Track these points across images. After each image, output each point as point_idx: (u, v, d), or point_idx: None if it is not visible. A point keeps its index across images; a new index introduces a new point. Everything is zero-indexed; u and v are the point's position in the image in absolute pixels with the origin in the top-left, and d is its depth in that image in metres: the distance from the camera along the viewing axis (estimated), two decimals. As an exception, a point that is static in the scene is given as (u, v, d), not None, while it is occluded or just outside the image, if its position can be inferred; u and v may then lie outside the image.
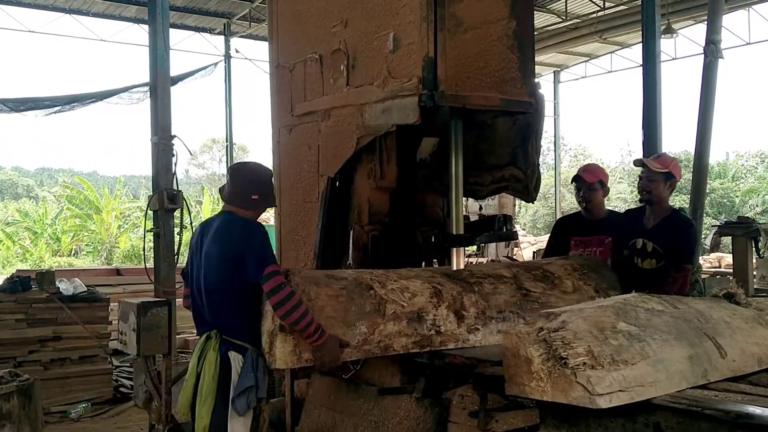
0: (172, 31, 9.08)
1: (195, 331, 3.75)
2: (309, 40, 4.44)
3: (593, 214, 4.72)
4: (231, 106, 17.69)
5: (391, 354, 3.40)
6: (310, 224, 4.36)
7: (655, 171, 4.19)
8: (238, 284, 3.23)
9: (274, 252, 4.25)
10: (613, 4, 16.00)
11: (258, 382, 3.23)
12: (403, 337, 3.36)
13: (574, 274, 4.08)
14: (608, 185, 4.86)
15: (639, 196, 4.38)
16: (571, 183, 4.99)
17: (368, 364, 3.68)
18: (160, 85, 7.08)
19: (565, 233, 4.84)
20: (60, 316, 6.71)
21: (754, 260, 7.80)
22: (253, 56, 18.56)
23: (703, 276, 8.31)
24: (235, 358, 3.24)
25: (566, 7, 16.29)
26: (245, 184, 3.43)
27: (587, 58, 20.78)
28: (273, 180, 3.65)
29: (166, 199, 6.44)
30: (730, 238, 7.90)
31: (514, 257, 14.71)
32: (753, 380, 2.64)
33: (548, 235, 5.34)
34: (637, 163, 4.49)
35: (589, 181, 4.68)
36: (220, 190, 3.60)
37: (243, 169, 3.64)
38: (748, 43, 16.94)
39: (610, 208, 5.45)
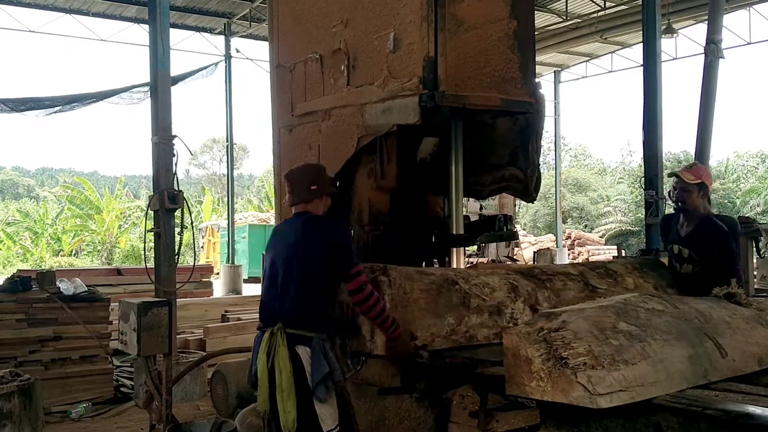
0: (173, 31, 9.08)
1: (194, 332, 3.74)
2: (309, 40, 4.44)
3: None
4: (231, 106, 17.71)
5: (474, 344, 3.56)
6: (310, 224, 4.35)
7: (689, 182, 4.23)
8: (319, 278, 3.39)
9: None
10: (613, 4, 16.01)
11: (332, 366, 3.32)
12: (485, 329, 3.55)
13: (634, 273, 4.29)
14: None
15: (674, 206, 4.49)
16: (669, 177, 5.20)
17: (369, 365, 3.68)
18: (160, 85, 7.09)
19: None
20: (60, 316, 6.71)
21: (755, 260, 7.79)
22: (254, 56, 18.59)
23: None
24: (304, 352, 3.33)
25: (567, 7, 16.29)
26: (301, 180, 3.57)
27: (588, 58, 20.79)
28: (324, 170, 3.76)
29: (166, 199, 6.44)
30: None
31: (515, 257, 14.71)
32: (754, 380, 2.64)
33: (548, 234, 5.39)
34: (671, 175, 4.54)
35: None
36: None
37: (293, 169, 3.76)
38: (748, 43, 16.95)
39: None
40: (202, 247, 24.56)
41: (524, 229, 27.27)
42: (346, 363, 3.56)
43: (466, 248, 4.98)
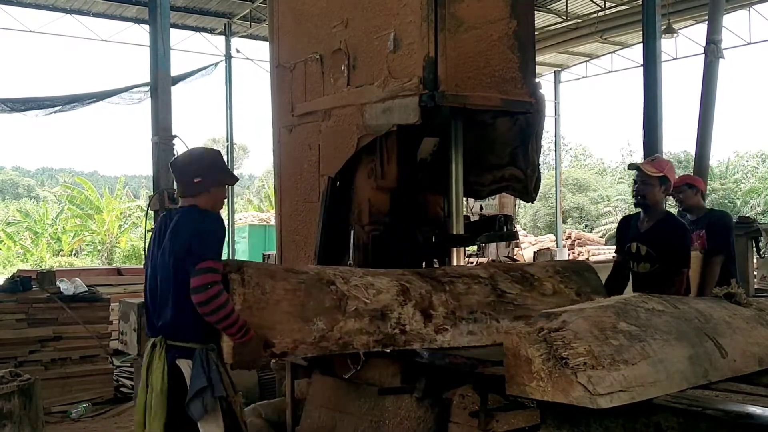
0: (173, 31, 9.09)
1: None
2: (310, 40, 4.44)
3: (694, 213, 5.08)
4: (231, 106, 17.72)
5: (350, 352, 3.29)
6: (310, 224, 4.35)
7: (650, 175, 4.19)
8: (186, 280, 2.99)
9: (279, 252, 4.22)
10: (613, 4, 16.01)
11: (212, 381, 3.02)
12: (365, 335, 3.24)
13: (555, 277, 3.99)
14: (702, 189, 5.21)
15: (633, 201, 4.42)
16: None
17: (369, 365, 3.68)
18: (160, 85, 7.10)
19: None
20: (61, 316, 6.72)
21: (755, 260, 7.79)
22: (254, 56, 18.59)
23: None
24: (185, 365, 3.06)
25: (567, 7, 16.30)
26: (184, 171, 3.25)
27: (588, 58, 20.80)
28: (217, 157, 3.36)
29: (166, 198, 6.45)
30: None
31: (515, 257, 14.70)
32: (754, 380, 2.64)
33: (549, 234, 5.44)
34: (631, 167, 4.48)
35: (676, 184, 4.98)
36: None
37: (178, 158, 3.42)
38: (748, 43, 16.96)
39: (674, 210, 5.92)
40: (202, 247, 24.50)
41: (524, 229, 27.26)
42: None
43: (466, 248, 4.97)
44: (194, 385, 3.01)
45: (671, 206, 7.35)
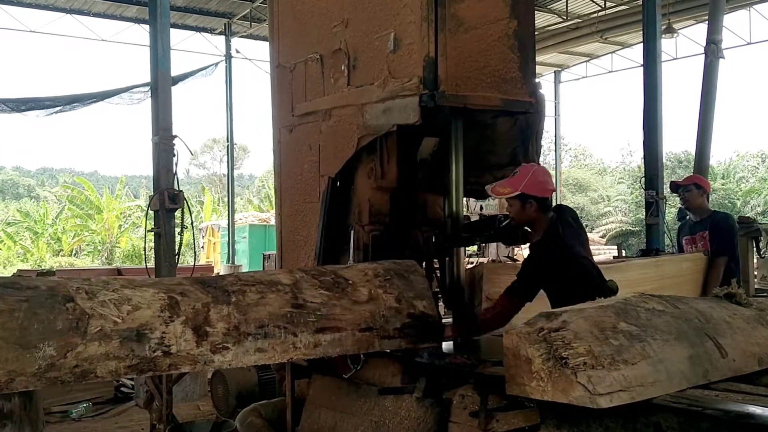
0: (173, 31, 9.09)
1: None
2: (310, 40, 4.44)
3: (698, 214, 5.27)
4: (232, 106, 17.73)
5: (92, 381, 2.80)
6: (310, 225, 4.35)
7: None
8: None
9: (279, 252, 4.17)
10: (613, 4, 16.02)
11: None
12: (112, 360, 2.74)
13: (374, 281, 3.53)
14: (707, 191, 5.46)
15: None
16: (672, 192, 5.68)
17: (369, 364, 3.68)
18: (160, 85, 7.10)
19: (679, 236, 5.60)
20: (61, 316, 6.70)
21: (755, 260, 7.79)
22: (254, 56, 18.61)
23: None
24: None
25: (567, 7, 16.31)
26: None
27: (588, 58, 20.80)
28: None
29: (167, 199, 6.46)
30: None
31: (515, 257, 14.70)
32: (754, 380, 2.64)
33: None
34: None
35: (684, 183, 5.24)
36: None
37: None
38: (749, 43, 16.97)
39: (715, 208, 6.21)
40: (203, 247, 24.56)
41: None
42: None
43: (467, 248, 4.97)
44: None
45: (673, 206, 7.39)
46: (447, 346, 3.80)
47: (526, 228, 3.86)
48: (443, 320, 3.73)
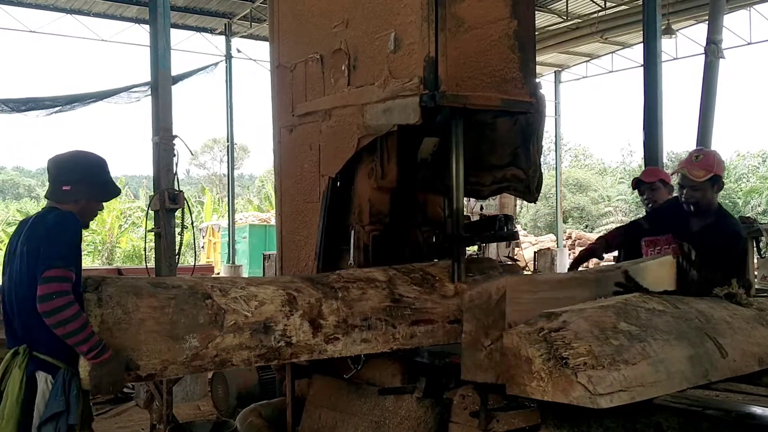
0: (173, 31, 9.10)
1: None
2: (310, 40, 4.44)
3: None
4: (232, 106, 17.74)
5: (229, 368, 3.16)
6: (311, 225, 4.36)
7: (699, 181, 3.68)
8: None
9: (279, 252, 4.19)
10: (614, 4, 16.02)
11: (69, 407, 2.80)
12: (245, 350, 3.08)
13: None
14: (671, 184, 4.74)
15: (688, 208, 3.83)
16: (633, 190, 4.92)
17: (369, 364, 3.68)
18: (161, 85, 7.10)
19: (633, 237, 4.39)
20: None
21: (756, 260, 7.80)
22: (254, 56, 18.61)
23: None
24: (44, 379, 2.83)
25: (567, 7, 16.31)
26: (55, 174, 3.04)
27: (588, 58, 20.80)
28: (95, 168, 3.15)
29: (167, 199, 6.46)
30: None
31: (515, 257, 14.70)
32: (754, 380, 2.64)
33: (549, 234, 5.38)
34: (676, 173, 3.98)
35: (649, 181, 4.71)
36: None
37: (55, 159, 3.12)
38: (749, 43, 16.97)
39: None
40: (203, 247, 24.58)
41: (525, 229, 27.26)
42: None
43: (467, 248, 4.96)
44: (51, 407, 2.80)
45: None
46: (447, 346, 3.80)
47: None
48: None
